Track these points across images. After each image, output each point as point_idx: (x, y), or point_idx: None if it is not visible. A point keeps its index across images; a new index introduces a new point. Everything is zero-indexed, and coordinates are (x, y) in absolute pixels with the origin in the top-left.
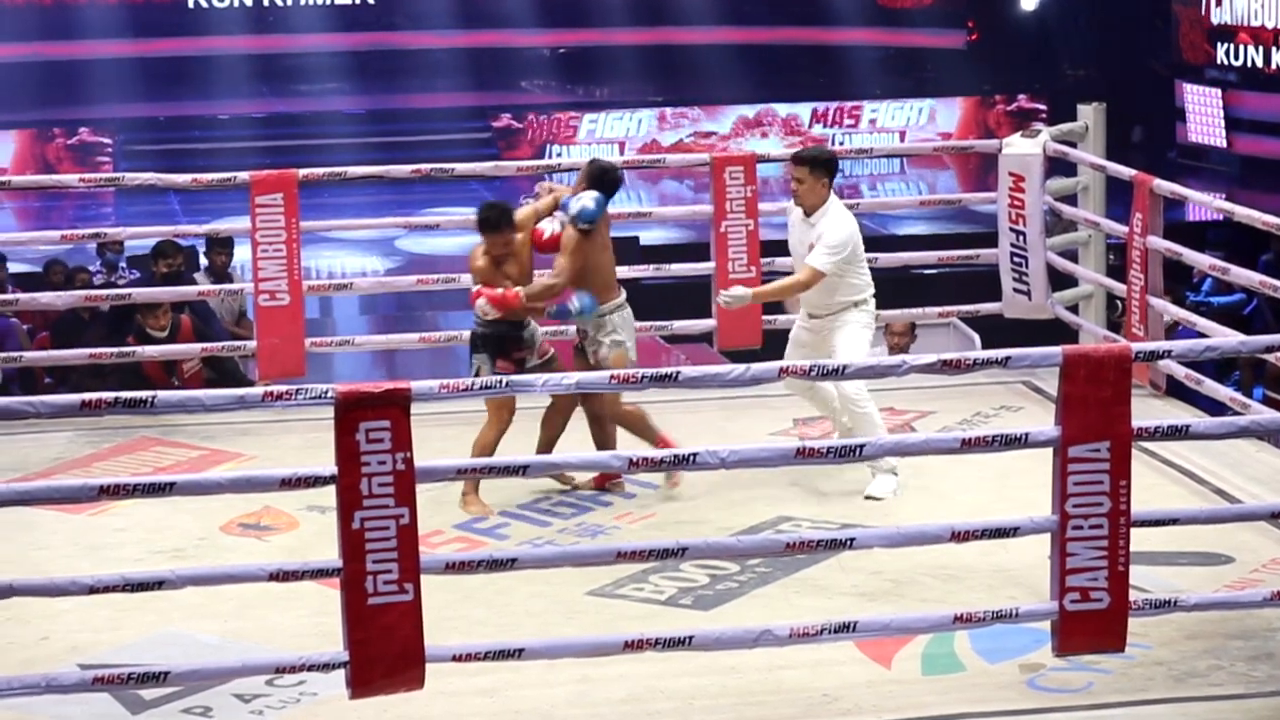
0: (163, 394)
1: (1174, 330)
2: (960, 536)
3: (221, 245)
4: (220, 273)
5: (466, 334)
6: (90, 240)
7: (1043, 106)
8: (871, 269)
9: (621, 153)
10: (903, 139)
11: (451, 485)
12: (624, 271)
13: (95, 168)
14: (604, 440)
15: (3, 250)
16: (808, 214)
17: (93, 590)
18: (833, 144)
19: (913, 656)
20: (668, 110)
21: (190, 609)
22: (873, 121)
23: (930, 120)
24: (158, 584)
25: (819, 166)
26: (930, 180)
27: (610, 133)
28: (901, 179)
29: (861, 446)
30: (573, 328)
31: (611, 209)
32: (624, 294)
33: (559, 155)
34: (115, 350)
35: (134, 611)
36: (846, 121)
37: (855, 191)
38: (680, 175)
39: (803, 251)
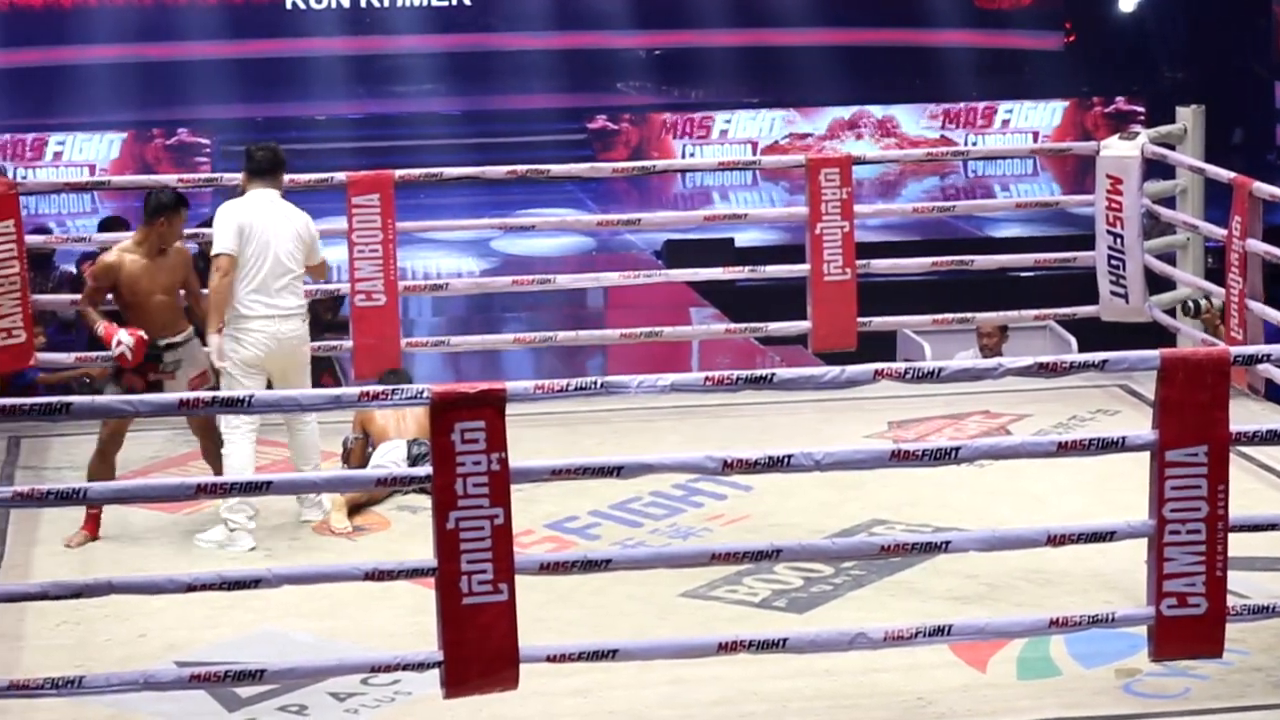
0: (260, 393)
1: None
2: (1056, 540)
3: None
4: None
5: (562, 335)
6: (189, 240)
7: (1141, 108)
8: (968, 271)
9: (754, 152)
10: (1036, 140)
11: (543, 484)
12: (719, 273)
13: (193, 168)
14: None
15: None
16: None
17: (190, 588)
18: (965, 144)
19: (1008, 660)
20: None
21: (285, 608)
22: (1005, 123)
23: (1056, 119)
24: (254, 582)
25: None
26: (1066, 182)
27: (743, 132)
28: (1035, 180)
29: (957, 449)
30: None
31: (708, 210)
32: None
33: (691, 155)
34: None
35: (230, 609)
36: (979, 122)
37: (988, 192)
38: (775, 176)
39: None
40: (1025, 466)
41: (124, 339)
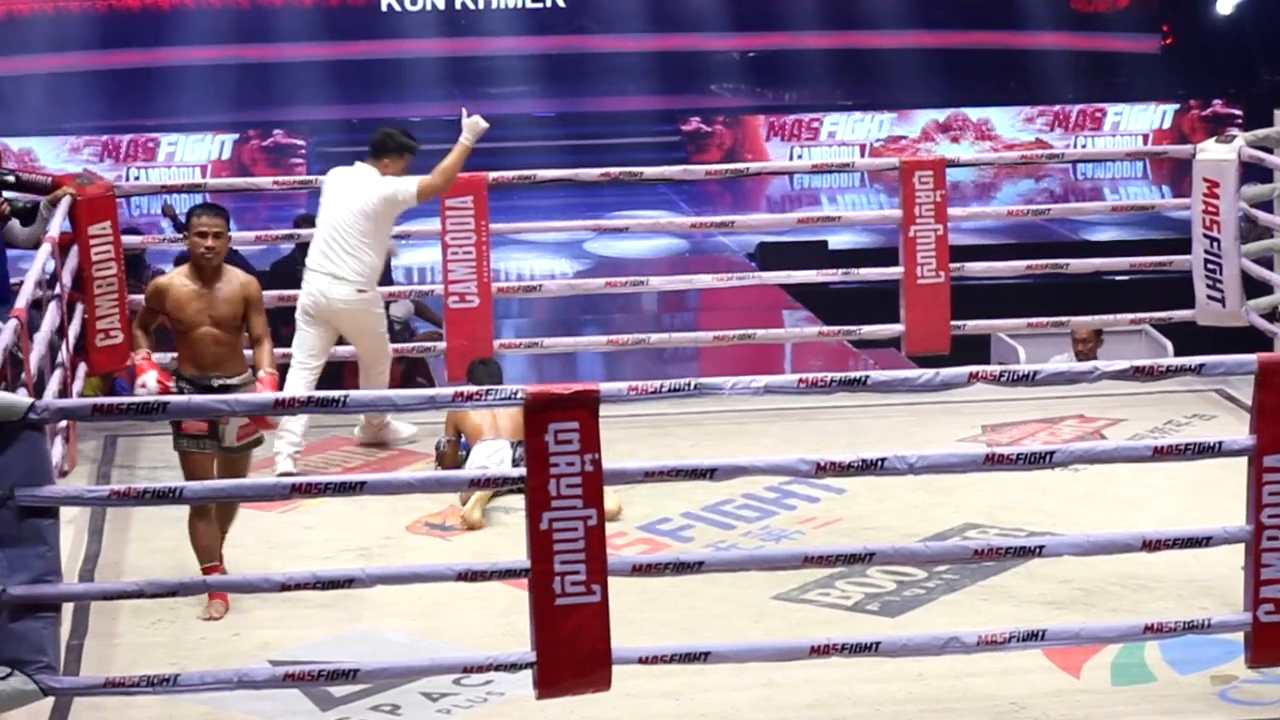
0: (354, 394)
1: None
2: (1152, 545)
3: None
4: None
5: (655, 337)
6: (284, 241)
7: (1238, 112)
8: (1063, 274)
9: (863, 154)
10: (1146, 142)
11: (636, 486)
12: (812, 275)
13: (289, 169)
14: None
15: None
16: None
17: (284, 587)
18: (1074, 146)
19: (1102, 666)
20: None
21: (379, 607)
22: (1116, 124)
23: (1165, 122)
24: (348, 582)
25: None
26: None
27: (851, 135)
28: (1143, 183)
29: (1052, 453)
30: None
31: (803, 212)
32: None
33: (799, 156)
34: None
35: (323, 609)
36: (1088, 124)
37: (1097, 194)
38: (877, 179)
39: None
40: (1120, 471)
41: (149, 383)
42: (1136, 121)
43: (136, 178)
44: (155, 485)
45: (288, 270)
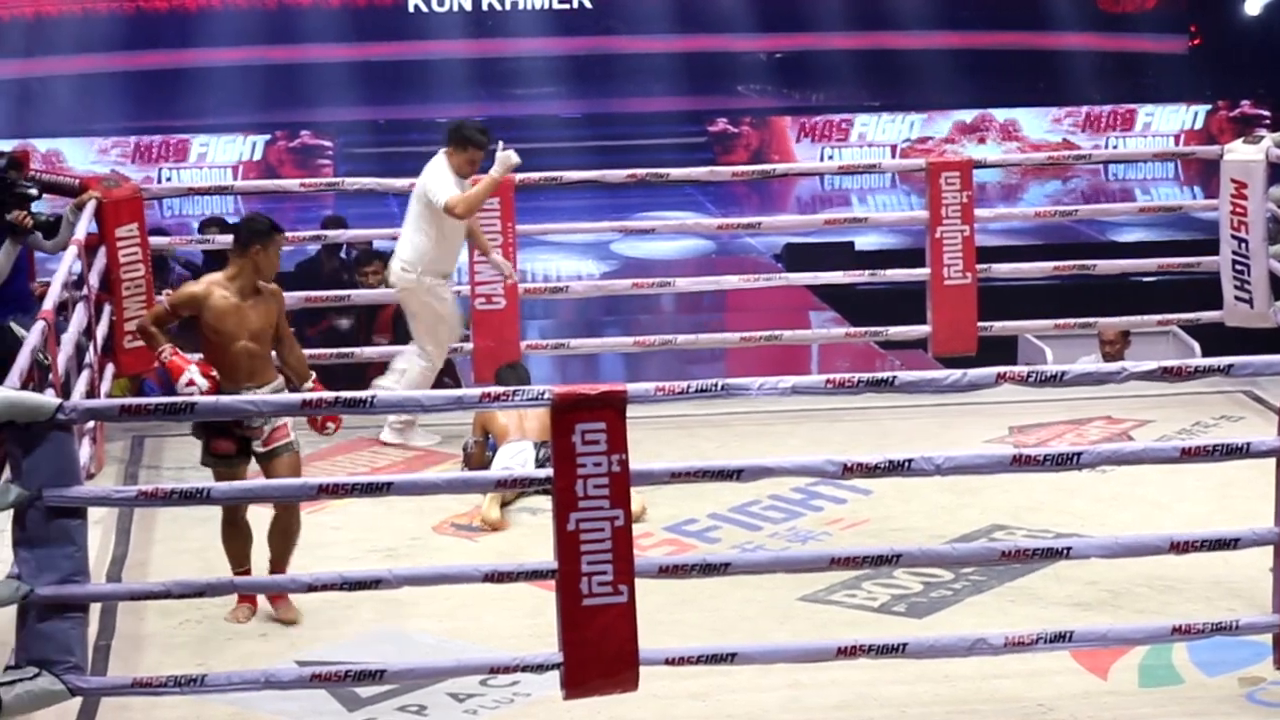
0: (381, 394)
1: None
2: (1179, 547)
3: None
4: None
5: (681, 338)
6: (311, 242)
7: (1266, 112)
8: (1090, 275)
9: (893, 155)
10: (1178, 142)
11: (662, 486)
12: (838, 277)
13: (316, 170)
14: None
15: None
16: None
17: (311, 588)
18: (1105, 148)
19: (1129, 668)
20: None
21: (405, 608)
22: (1147, 125)
23: (1197, 123)
24: (375, 583)
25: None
26: (1206, 186)
27: (882, 136)
28: (1174, 184)
29: (1079, 455)
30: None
31: (830, 213)
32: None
33: (830, 157)
34: (335, 351)
35: (350, 609)
36: (1121, 126)
37: (1128, 195)
38: (907, 180)
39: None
40: (1148, 472)
41: (198, 380)
42: (1168, 122)
43: (168, 179)
44: (182, 486)
45: (313, 271)
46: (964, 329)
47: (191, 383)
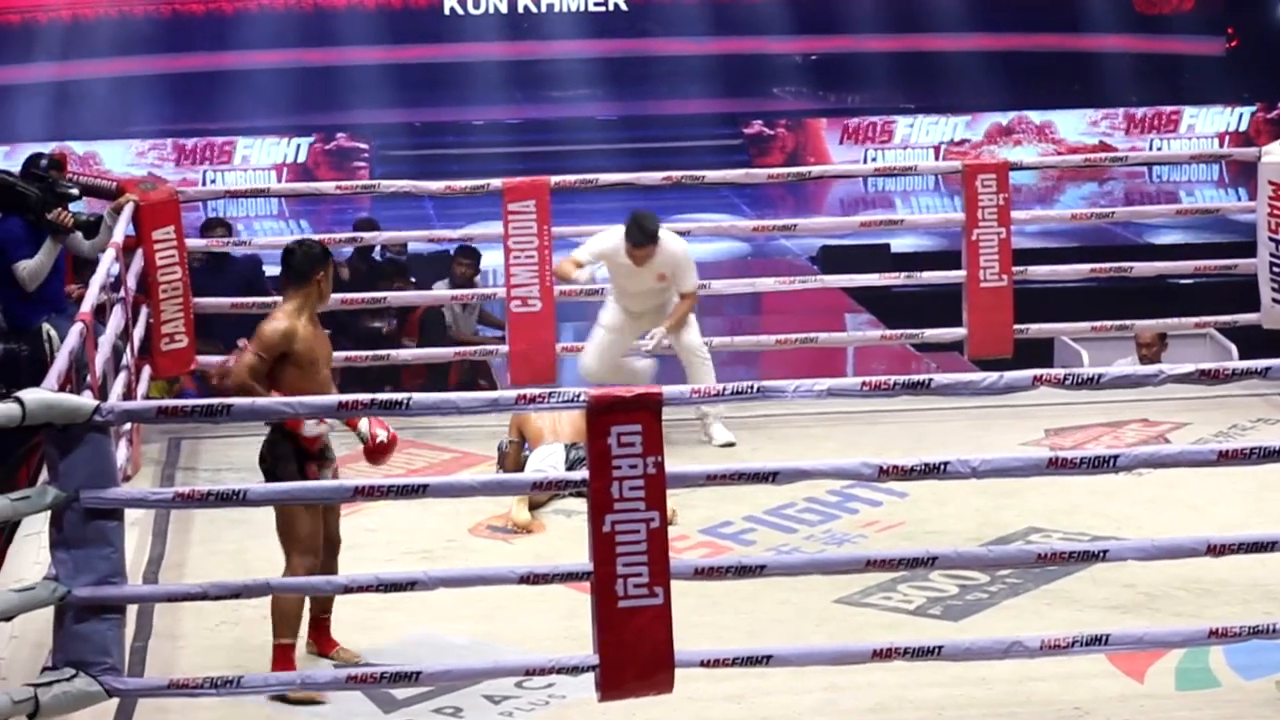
0: (417, 396)
1: None
2: (1216, 550)
3: (466, 255)
4: (463, 285)
5: (716, 340)
6: (346, 244)
7: None
8: (1127, 278)
9: (938, 156)
10: (1221, 144)
11: (698, 489)
12: (874, 279)
13: (351, 173)
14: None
15: (261, 254)
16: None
17: (347, 590)
18: (1150, 149)
19: (1166, 671)
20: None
21: (441, 610)
22: (1191, 127)
23: (1241, 124)
24: (410, 584)
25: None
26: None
27: (927, 136)
28: (1219, 187)
29: (1115, 457)
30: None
31: (863, 215)
32: None
33: (874, 159)
34: (370, 354)
35: (386, 611)
36: (1166, 128)
37: (1171, 197)
38: (949, 182)
39: (652, 282)
40: (1184, 475)
41: (312, 428)
42: (1211, 124)
43: (212, 181)
44: (219, 488)
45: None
46: (1000, 331)
47: (317, 436)
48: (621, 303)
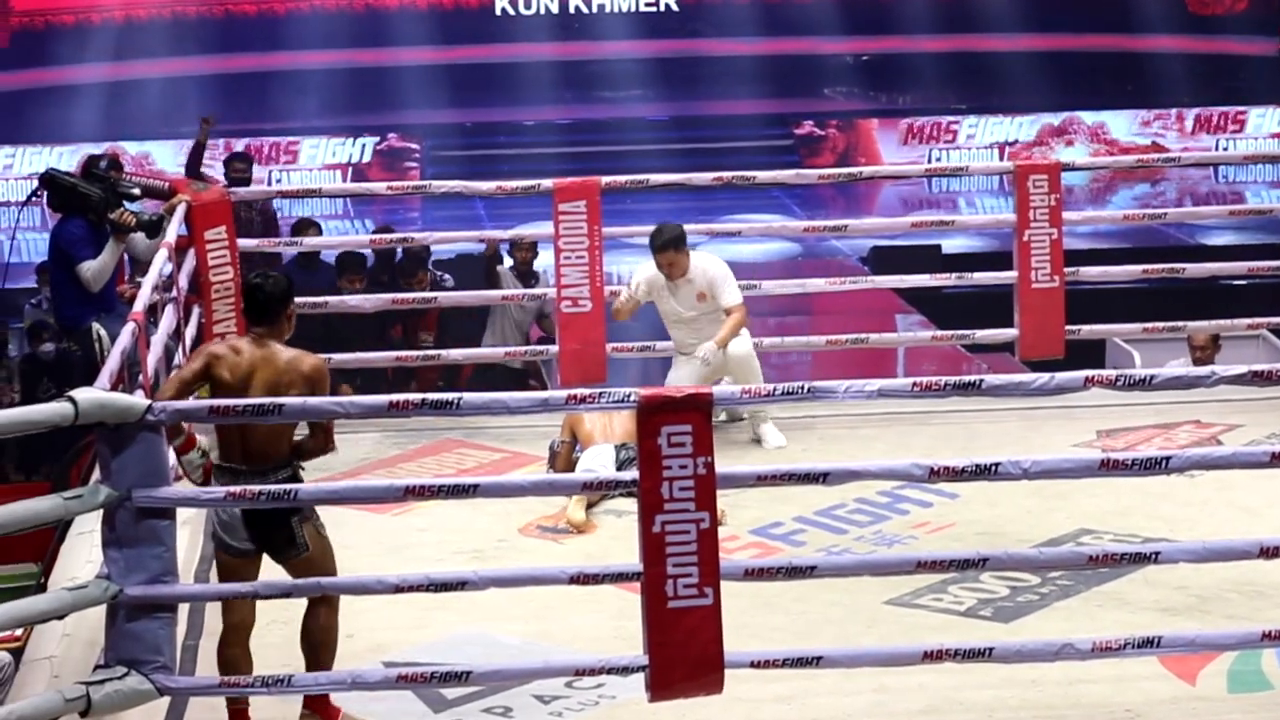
0: (468, 396)
1: None
2: (1269, 552)
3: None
4: (524, 270)
5: (767, 341)
6: (397, 244)
7: None
8: (1179, 279)
9: (1002, 157)
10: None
11: (749, 489)
12: (925, 279)
13: (403, 173)
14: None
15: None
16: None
17: (398, 589)
18: (1216, 149)
19: (1218, 674)
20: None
21: (491, 610)
22: (1244, 127)
23: None
24: (460, 584)
25: (681, 243)
26: None
27: (990, 136)
28: (1275, 187)
29: (1168, 459)
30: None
31: (912, 216)
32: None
33: (938, 159)
34: (420, 354)
35: (436, 611)
36: (1231, 126)
37: (1239, 197)
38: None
39: (693, 303)
40: (1237, 477)
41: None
42: (1266, 125)
43: (278, 180)
44: (269, 487)
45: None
46: (1051, 332)
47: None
48: (677, 337)
